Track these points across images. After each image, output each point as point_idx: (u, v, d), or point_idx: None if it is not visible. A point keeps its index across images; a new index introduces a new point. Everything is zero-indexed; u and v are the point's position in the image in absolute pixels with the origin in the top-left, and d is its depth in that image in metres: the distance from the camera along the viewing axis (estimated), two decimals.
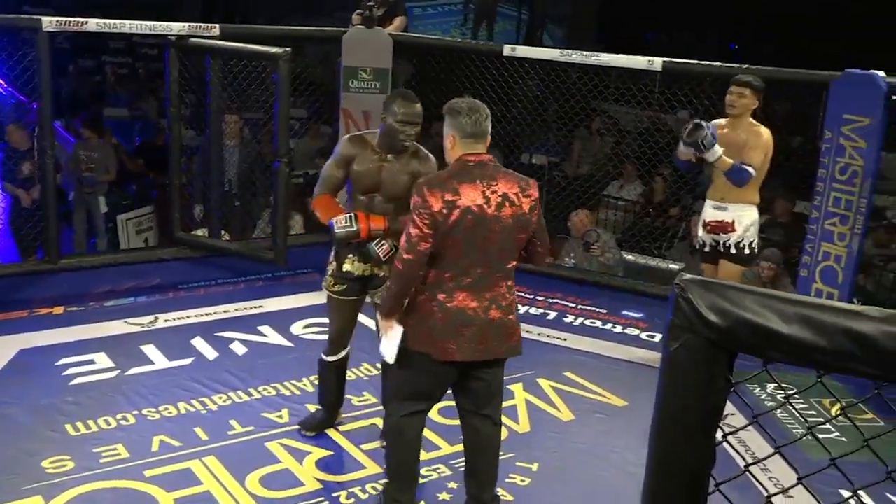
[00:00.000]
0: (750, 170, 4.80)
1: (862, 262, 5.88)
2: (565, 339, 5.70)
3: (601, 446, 4.39)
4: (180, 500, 3.71)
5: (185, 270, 6.56)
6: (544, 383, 5.01)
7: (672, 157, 5.54)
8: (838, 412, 4.58)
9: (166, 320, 5.62)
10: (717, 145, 4.76)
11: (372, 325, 4.15)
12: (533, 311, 6.12)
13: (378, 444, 4.21)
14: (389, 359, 3.41)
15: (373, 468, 4.04)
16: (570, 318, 6.08)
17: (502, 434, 4.26)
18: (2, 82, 8.60)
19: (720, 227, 5.02)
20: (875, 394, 1.36)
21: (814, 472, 1.54)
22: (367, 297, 4.10)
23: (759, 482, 1.94)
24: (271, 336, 5.49)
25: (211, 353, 5.18)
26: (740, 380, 1.40)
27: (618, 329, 5.96)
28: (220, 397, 4.64)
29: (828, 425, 4.58)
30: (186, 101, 7.63)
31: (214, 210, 7.03)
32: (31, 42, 5.92)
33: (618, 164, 8.27)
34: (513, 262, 3.36)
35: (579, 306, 6.28)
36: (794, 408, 4.74)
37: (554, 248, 7.68)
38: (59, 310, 5.68)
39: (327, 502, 3.76)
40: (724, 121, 5.02)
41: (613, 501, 3.94)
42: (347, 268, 4.00)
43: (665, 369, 1.39)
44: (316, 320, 5.65)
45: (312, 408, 4.45)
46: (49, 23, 5.87)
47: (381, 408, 4.28)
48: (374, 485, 3.90)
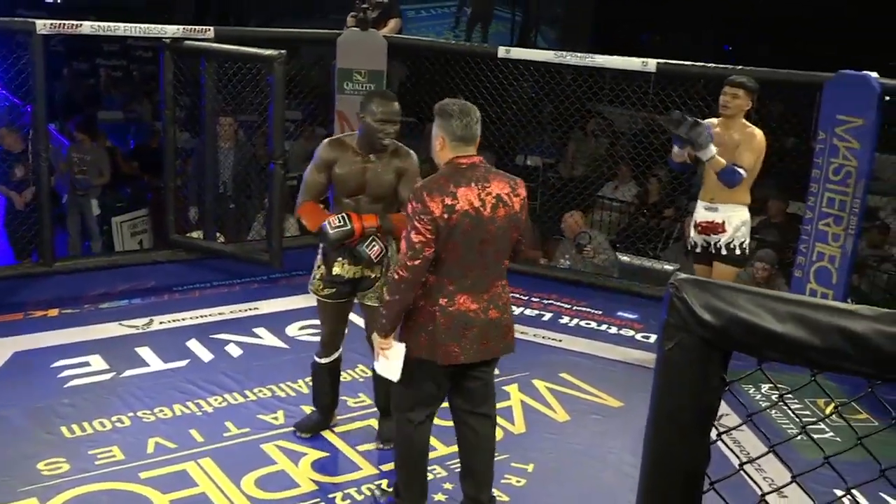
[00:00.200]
0: (741, 171, 4.80)
1: (856, 262, 5.90)
2: (560, 341, 5.71)
3: (596, 447, 4.40)
4: (176, 501, 3.71)
5: (179, 272, 6.55)
6: (540, 384, 5.01)
7: (667, 159, 5.54)
8: (832, 411, 4.59)
9: (161, 322, 5.61)
10: (712, 145, 4.77)
11: (363, 323, 4.16)
12: (528, 312, 6.13)
13: (374, 445, 4.22)
14: (394, 378, 3.37)
15: (368, 469, 4.04)
16: (565, 320, 6.08)
17: (497, 435, 4.28)
18: None
19: (711, 228, 5.02)
20: (868, 392, 1.37)
21: (807, 470, 1.55)
22: (356, 299, 4.10)
23: (753, 481, 1.95)
24: (266, 338, 5.49)
25: (206, 354, 5.18)
26: (735, 379, 1.41)
27: (613, 330, 5.97)
28: (216, 399, 4.64)
29: (822, 425, 4.59)
30: (181, 103, 7.62)
31: (209, 212, 7.02)
32: (24, 45, 5.91)
33: (612, 165, 8.28)
34: (506, 262, 3.42)
35: (574, 307, 6.29)
36: (789, 408, 4.74)
37: (549, 249, 7.69)
38: (53, 312, 5.68)
39: (323, 503, 3.77)
40: (716, 121, 5.02)
41: (609, 502, 3.95)
42: (337, 271, 3.98)
43: (660, 368, 1.40)
44: (311, 322, 5.65)
45: (308, 409, 4.45)
46: (43, 25, 5.85)
47: (376, 409, 4.29)
48: (370, 486, 3.90)
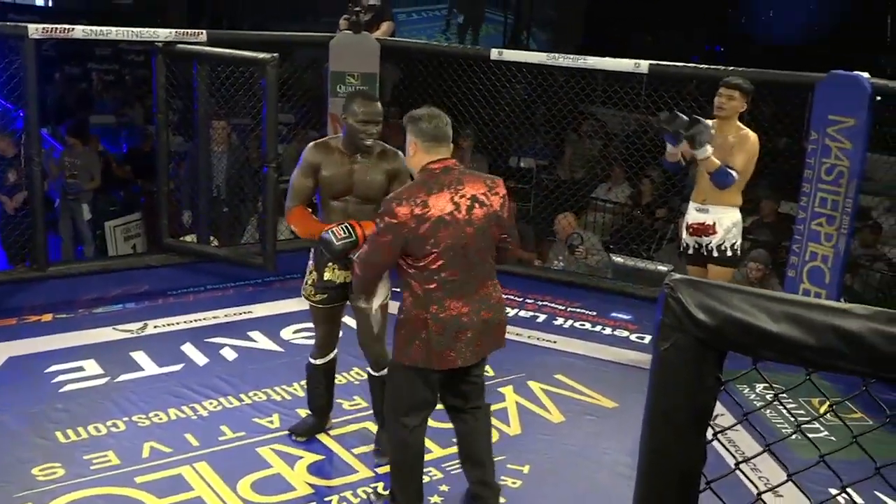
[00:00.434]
0: (734, 174, 4.80)
1: (849, 262, 5.91)
2: (555, 342, 5.71)
3: (592, 448, 4.41)
4: None
5: (173, 277, 6.54)
6: (535, 386, 5.02)
7: (660, 160, 5.54)
8: (827, 410, 4.60)
9: (156, 326, 5.61)
10: (709, 145, 4.77)
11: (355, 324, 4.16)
12: (523, 313, 6.14)
13: (369, 448, 4.21)
14: (375, 306, 3.79)
15: (364, 472, 4.04)
16: (559, 321, 6.09)
17: (493, 436, 4.29)
18: None
19: (702, 230, 5.02)
20: (863, 391, 1.37)
21: (804, 468, 1.55)
22: (349, 302, 4.09)
23: (749, 479, 1.96)
24: (261, 341, 5.48)
25: (201, 358, 5.17)
26: (730, 378, 1.41)
27: (607, 331, 5.98)
28: (211, 403, 4.63)
29: (817, 425, 4.60)
30: (174, 107, 7.61)
31: (203, 216, 7.01)
32: (16, 49, 5.89)
33: (605, 166, 8.30)
34: (491, 261, 3.44)
35: (568, 309, 6.30)
36: (784, 407, 4.76)
37: (543, 251, 7.70)
38: (47, 317, 5.66)
39: None
40: (710, 122, 5.00)
41: (604, 502, 3.95)
42: (328, 276, 3.98)
43: (655, 369, 1.40)
44: (305, 325, 5.64)
45: (303, 412, 4.44)
46: (35, 30, 5.84)
47: (371, 412, 4.29)
48: (365, 489, 3.90)
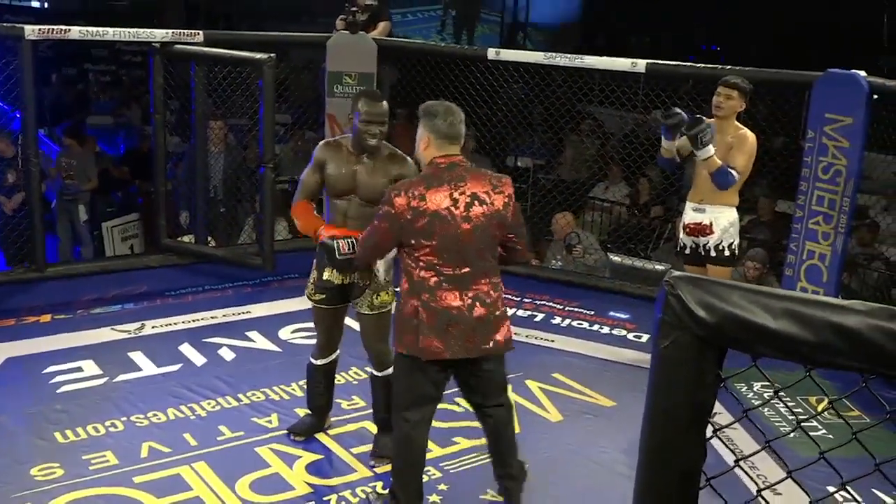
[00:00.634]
0: (735, 174, 4.79)
1: (846, 260, 5.92)
2: (553, 341, 5.72)
3: (590, 446, 4.41)
4: None
5: (171, 277, 6.54)
6: (533, 385, 5.02)
7: (656, 158, 5.53)
8: (826, 407, 4.61)
9: (154, 327, 5.61)
10: (711, 146, 4.77)
11: (359, 327, 4.16)
12: (521, 313, 6.14)
13: (368, 447, 4.21)
14: (382, 270, 3.85)
15: (363, 472, 4.04)
16: (557, 320, 6.09)
17: None
18: None
19: (698, 230, 5.02)
20: (862, 387, 1.38)
21: (803, 466, 1.56)
22: (352, 305, 4.09)
23: (749, 476, 1.96)
24: (259, 341, 5.48)
25: (199, 359, 5.17)
26: (730, 375, 1.42)
27: (605, 330, 5.98)
28: (209, 403, 4.63)
29: (814, 423, 4.61)
30: (171, 107, 7.60)
31: (200, 216, 7.01)
32: (13, 50, 5.89)
33: (603, 165, 8.30)
34: (492, 260, 3.41)
35: (566, 308, 6.30)
36: (783, 403, 4.77)
37: (540, 250, 7.71)
38: (45, 318, 5.66)
39: None
40: (710, 121, 4.99)
41: (602, 501, 3.95)
42: (327, 276, 3.97)
43: (655, 366, 1.40)
44: (304, 325, 5.65)
45: (302, 412, 4.45)
46: (32, 31, 5.84)
47: (370, 411, 4.29)
48: (364, 488, 3.90)
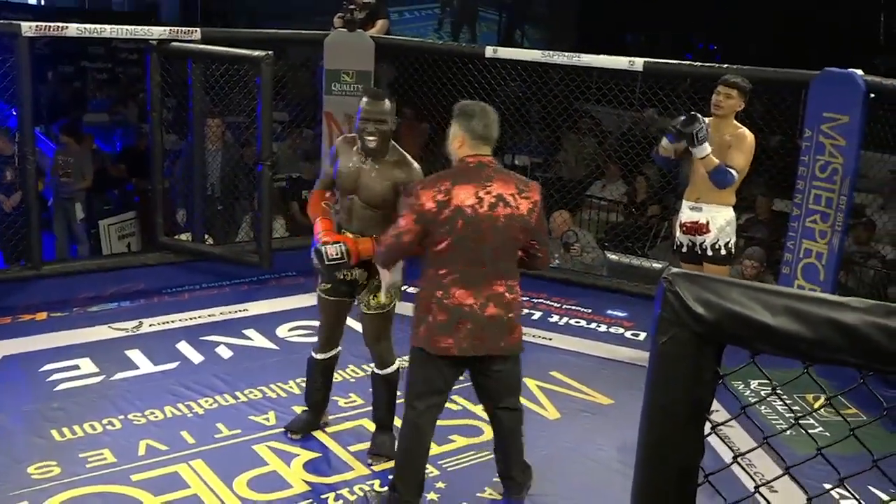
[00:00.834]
0: (733, 173, 4.79)
1: (843, 259, 5.92)
2: (551, 339, 5.72)
3: (587, 444, 4.42)
4: (168, 503, 3.71)
5: (169, 275, 6.54)
6: (530, 383, 5.02)
7: (652, 155, 5.52)
8: (823, 404, 4.62)
9: (151, 325, 5.60)
10: (707, 143, 4.77)
11: (359, 327, 4.16)
12: None
13: (365, 445, 4.21)
14: (385, 284, 3.86)
15: (360, 470, 4.04)
16: (555, 318, 6.10)
17: (489, 433, 4.29)
18: None
19: (695, 229, 5.02)
20: (860, 384, 1.38)
21: (801, 462, 1.56)
22: (355, 302, 4.10)
23: (747, 473, 1.96)
24: (257, 339, 5.48)
25: (196, 356, 5.17)
26: (728, 372, 1.42)
27: (602, 328, 5.99)
28: (207, 401, 4.63)
29: (811, 420, 4.62)
30: (168, 105, 7.60)
31: (197, 214, 7.01)
32: (10, 48, 5.88)
33: (600, 164, 8.30)
34: (511, 262, 3.43)
35: (564, 306, 6.30)
36: (782, 400, 4.77)
37: None
38: (42, 316, 5.66)
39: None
40: (707, 120, 4.95)
41: (600, 498, 3.96)
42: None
43: (654, 363, 1.41)
44: (301, 323, 5.65)
45: (299, 409, 4.45)
46: (29, 28, 5.83)
47: (368, 409, 4.30)
48: (362, 486, 3.90)
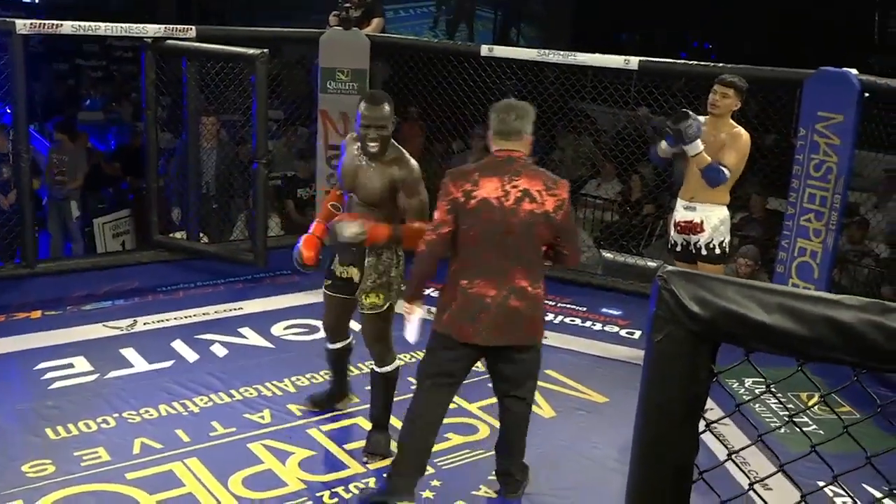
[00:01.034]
0: (726, 171, 4.80)
1: (836, 257, 5.94)
2: (546, 337, 5.68)
3: (582, 442, 4.42)
4: (163, 502, 3.70)
5: (163, 273, 6.53)
6: None
7: (648, 153, 5.52)
8: (817, 402, 4.63)
9: (145, 323, 5.59)
10: (699, 140, 4.77)
11: (357, 326, 4.18)
12: None
13: (361, 444, 4.21)
14: (409, 339, 3.68)
15: (356, 468, 4.04)
16: (549, 316, 6.07)
17: (484, 432, 4.30)
18: None
19: (689, 228, 5.02)
20: (854, 381, 1.38)
21: (795, 458, 1.57)
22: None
23: (742, 471, 1.97)
24: (252, 337, 5.47)
25: (191, 355, 5.16)
26: (723, 370, 1.42)
27: (597, 326, 5.99)
28: (202, 399, 4.62)
29: (805, 419, 4.63)
30: (162, 103, 7.59)
31: (192, 212, 7.00)
32: (4, 45, 5.86)
33: (595, 162, 8.30)
34: (535, 257, 3.49)
35: (559, 304, 6.30)
36: (777, 398, 4.78)
37: None
38: (36, 314, 5.64)
39: (311, 502, 3.75)
40: (703, 119, 4.94)
41: (595, 497, 3.96)
42: (333, 266, 4.10)
43: (649, 361, 1.41)
44: (296, 321, 5.66)
45: (294, 408, 4.49)
46: (23, 25, 5.82)
47: (364, 408, 4.31)
48: (358, 484, 3.90)
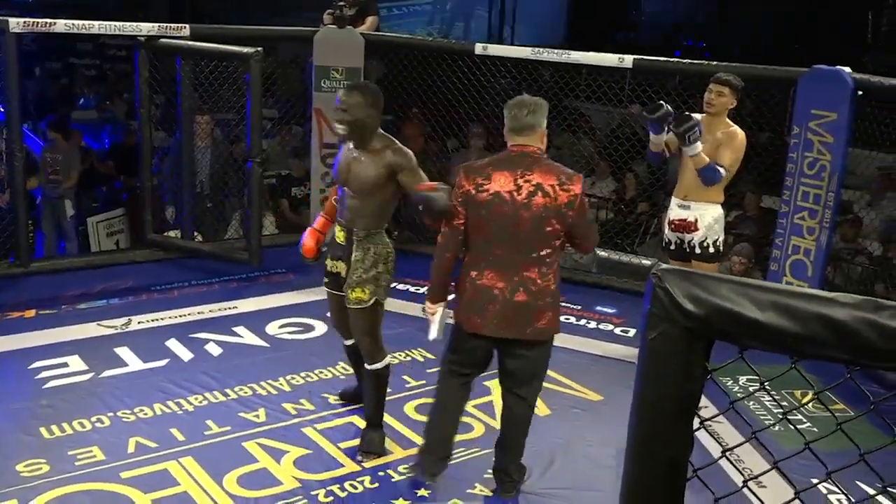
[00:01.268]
0: (722, 171, 4.80)
1: (830, 255, 5.95)
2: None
3: (577, 440, 4.42)
4: (157, 501, 3.70)
5: (158, 272, 6.52)
6: None
7: (644, 153, 5.53)
8: (811, 399, 4.64)
9: (140, 322, 5.58)
10: (699, 142, 4.76)
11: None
12: None
13: (355, 442, 4.21)
14: (430, 336, 3.75)
15: (351, 466, 4.04)
16: None
17: (479, 430, 4.30)
18: None
19: (683, 227, 5.03)
20: (847, 379, 1.39)
21: (789, 455, 1.57)
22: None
23: (736, 468, 1.97)
24: (246, 336, 5.47)
25: (186, 354, 5.16)
26: (717, 367, 1.43)
27: (592, 324, 6.00)
28: (196, 398, 4.62)
29: (798, 416, 4.64)
30: (156, 102, 7.56)
31: (186, 211, 6.99)
32: None
33: (590, 161, 8.31)
34: (546, 251, 3.51)
35: None
36: (770, 395, 4.79)
37: None
38: (30, 313, 5.63)
39: (306, 501, 3.76)
40: (699, 117, 4.93)
41: (590, 494, 3.97)
42: (326, 262, 4.12)
43: (643, 358, 1.41)
44: (291, 320, 5.66)
45: (289, 406, 4.51)
46: (16, 24, 5.80)
47: (361, 405, 4.31)
48: (353, 482, 3.91)
